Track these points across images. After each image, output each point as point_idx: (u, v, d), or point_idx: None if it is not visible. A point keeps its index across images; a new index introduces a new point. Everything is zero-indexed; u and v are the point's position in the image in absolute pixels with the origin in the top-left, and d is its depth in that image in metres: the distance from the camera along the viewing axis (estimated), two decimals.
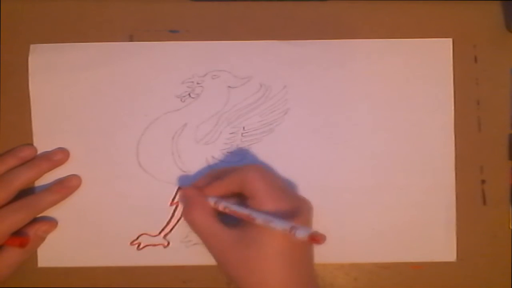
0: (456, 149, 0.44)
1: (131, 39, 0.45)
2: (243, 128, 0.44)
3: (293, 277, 0.37)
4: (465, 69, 0.44)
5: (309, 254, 0.39)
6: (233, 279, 0.38)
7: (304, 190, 0.43)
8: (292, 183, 0.44)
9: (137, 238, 0.44)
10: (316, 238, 0.33)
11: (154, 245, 0.44)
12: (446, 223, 0.44)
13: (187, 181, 0.44)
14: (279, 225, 0.35)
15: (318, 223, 0.43)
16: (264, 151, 0.44)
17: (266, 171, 0.39)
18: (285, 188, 0.40)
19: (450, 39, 0.44)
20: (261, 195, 0.37)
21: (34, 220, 0.42)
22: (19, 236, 0.41)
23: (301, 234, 0.33)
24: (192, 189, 0.40)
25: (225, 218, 0.39)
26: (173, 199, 0.44)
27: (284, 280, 0.36)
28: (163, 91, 0.44)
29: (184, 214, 0.40)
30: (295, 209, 0.37)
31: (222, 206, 0.38)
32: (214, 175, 0.41)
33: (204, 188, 0.40)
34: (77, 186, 0.43)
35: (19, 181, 0.41)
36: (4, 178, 0.41)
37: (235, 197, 0.39)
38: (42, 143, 0.44)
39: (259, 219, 0.36)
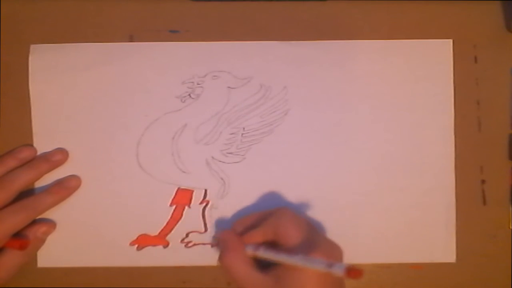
0: (456, 149, 0.44)
1: (131, 39, 0.45)
2: (243, 128, 0.44)
3: None
4: (465, 69, 0.44)
5: None
6: None
7: (304, 191, 0.43)
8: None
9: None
10: (353, 273, 0.33)
11: (154, 245, 0.44)
12: (446, 224, 0.44)
13: (187, 181, 0.44)
14: (317, 264, 0.35)
15: (318, 224, 0.43)
16: (264, 152, 0.44)
17: (297, 216, 0.39)
18: (317, 233, 0.40)
19: (450, 40, 0.44)
20: (294, 242, 0.37)
21: (33, 222, 0.42)
22: (19, 238, 0.41)
23: (338, 270, 0.34)
24: (231, 233, 0.40)
25: (256, 262, 0.38)
26: (172, 199, 0.44)
27: None
28: (163, 91, 0.44)
29: (222, 258, 0.39)
30: (328, 254, 0.37)
31: (261, 253, 0.38)
32: (248, 221, 0.41)
33: (241, 236, 0.40)
34: (76, 187, 0.43)
35: (19, 182, 0.41)
36: (4, 179, 0.41)
37: (268, 243, 0.39)
38: (42, 143, 0.44)
39: (297, 260, 0.36)
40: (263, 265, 0.38)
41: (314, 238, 0.38)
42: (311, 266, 0.35)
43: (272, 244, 0.39)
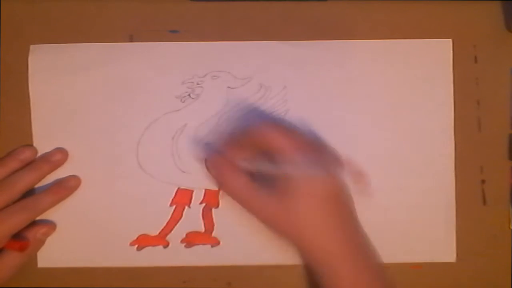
0: (456, 149, 0.44)
1: (131, 39, 0.45)
2: None
3: (339, 225, 0.37)
4: (465, 69, 0.44)
5: (351, 205, 0.39)
6: (285, 238, 0.38)
7: None
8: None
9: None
10: (358, 176, 0.33)
11: (154, 245, 0.44)
12: (446, 223, 0.44)
13: (187, 181, 0.44)
14: (315, 171, 0.35)
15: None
16: None
17: (283, 124, 0.39)
18: (305, 137, 0.39)
19: (450, 40, 0.44)
20: (286, 149, 0.37)
21: (33, 223, 0.42)
22: (19, 239, 0.41)
23: (338, 172, 0.34)
24: (220, 158, 0.40)
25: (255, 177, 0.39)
26: (172, 199, 0.44)
27: (323, 224, 0.37)
28: (163, 91, 0.44)
29: (223, 186, 0.39)
30: (323, 155, 0.37)
31: (254, 166, 0.38)
32: (232, 140, 0.40)
33: (228, 153, 0.39)
34: (76, 187, 0.43)
35: (21, 185, 0.41)
36: (6, 182, 0.41)
37: (260, 156, 0.39)
38: (42, 143, 0.44)
39: (296, 170, 0.35)
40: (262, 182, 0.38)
41: (306, 145, 0.38)
42: (309, 173, 0.35)
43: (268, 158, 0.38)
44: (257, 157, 0.39)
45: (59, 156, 0.43)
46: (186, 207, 0.44)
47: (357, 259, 0.38)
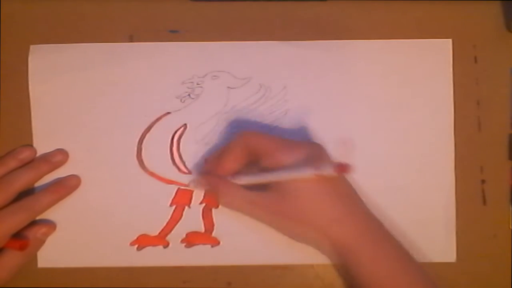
0: (456, 149, 0.44)
1: (131, 39, 0.45)
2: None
3: (339, 209, 0.37)
4: (465, 69, 0.44)
5: (347, 185, 0.39)
6: (292, 237, 0.39)
7: None
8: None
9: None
10: (342, 167, 0.33)
11: (154, 245, 0.44)
12: (446, 223, 0.44)
13: (187, 181, 0.44)
14: (304, 173, 0.35)
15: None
16: None
17: (259, 132, 0.40)
18: (288, 139, 0.40)
19: (450, 40, 0.44)
20: (272, 152, 0.37)
21: (33, 223, 0.42)
22: (18, 239, 0.41)
23: (327, 169, 0.34)
24: (212, 176, 0.40)
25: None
26: (172, 199, 0.44)
27: (331, 214, 0.37)
28: (163, 91, 0.44)
29: (220, 202, 0.41)
30: (309, 152, 0.37)
31: (245, 180, 0.39)
32: (215, 157, 0.41)
33: (219, 170, 0.40)
34: (76, 186, 0.43)
35: (19, 183, 0.41)
36: (4, 180, 0.41)
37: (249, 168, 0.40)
38: (42, 143, 0.44)
39: (283, 176, 0.36)
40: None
41: (288, 141, 0.38)
42: (300, 175, 0.35)
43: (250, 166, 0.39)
44: (247, 170, 0.39)
45: (59, 157, 0.43)
46: (186, 207, 0.44)
47: (374, 244, 0.37)
